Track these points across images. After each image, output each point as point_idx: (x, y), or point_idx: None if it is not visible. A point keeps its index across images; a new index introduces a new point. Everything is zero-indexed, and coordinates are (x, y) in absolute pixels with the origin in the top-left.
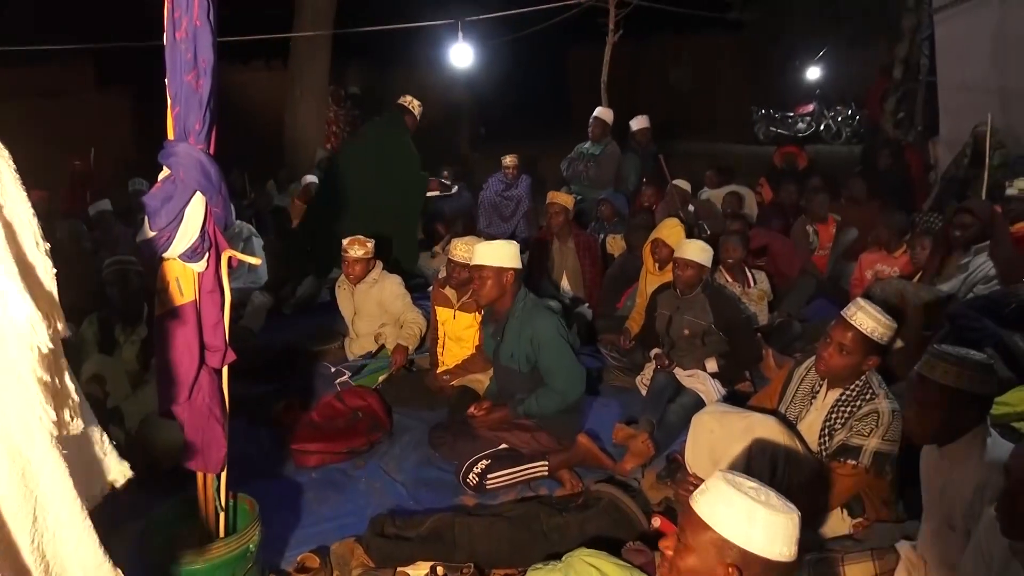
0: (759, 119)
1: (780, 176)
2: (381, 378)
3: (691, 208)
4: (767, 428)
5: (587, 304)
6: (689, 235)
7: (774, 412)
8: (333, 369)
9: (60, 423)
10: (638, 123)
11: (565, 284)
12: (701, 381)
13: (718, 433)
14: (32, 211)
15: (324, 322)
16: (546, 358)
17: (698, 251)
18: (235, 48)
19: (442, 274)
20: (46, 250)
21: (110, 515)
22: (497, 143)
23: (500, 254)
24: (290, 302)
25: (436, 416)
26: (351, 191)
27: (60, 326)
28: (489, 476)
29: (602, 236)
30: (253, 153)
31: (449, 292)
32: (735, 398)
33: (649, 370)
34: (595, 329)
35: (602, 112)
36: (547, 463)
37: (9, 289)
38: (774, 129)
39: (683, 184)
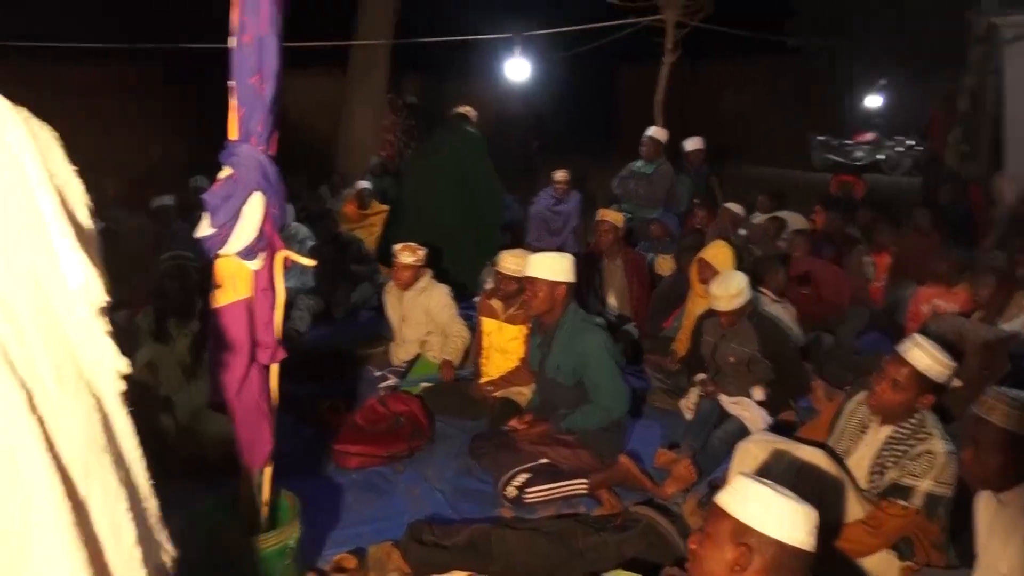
0: (816, 145)
1: (836, 204)
2: (424, 384)
3: (742, 231)
4: (815, 461)
5: (633, 323)
6: (738, 259)
7: (822, 445)
8: (377, 373)
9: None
10: (692, 144)
11: (612, 301)
12: (746, 408)
13: (763, 462)
14: (82, 187)
15: (371, 326)
16: (592, 373)
17: (730, 297)
18: (296, 53)
19: (489, 285)
20: (95, 225)
21: (159, 503)
22: (549, 158)
23: (554, 267)
24: (344, 306)
25: (477, 426)
26: (428, 202)
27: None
28: (528, 490)
29: (651, 256)
30: (308, 157)
31: (496, 303)
32: (780, 428)
33: (694, 394)
34: (640, 349)
35: (655, 131)
36: (587, 481)
37: (70, 252)
38: (831, 156)
39: (735, 207)
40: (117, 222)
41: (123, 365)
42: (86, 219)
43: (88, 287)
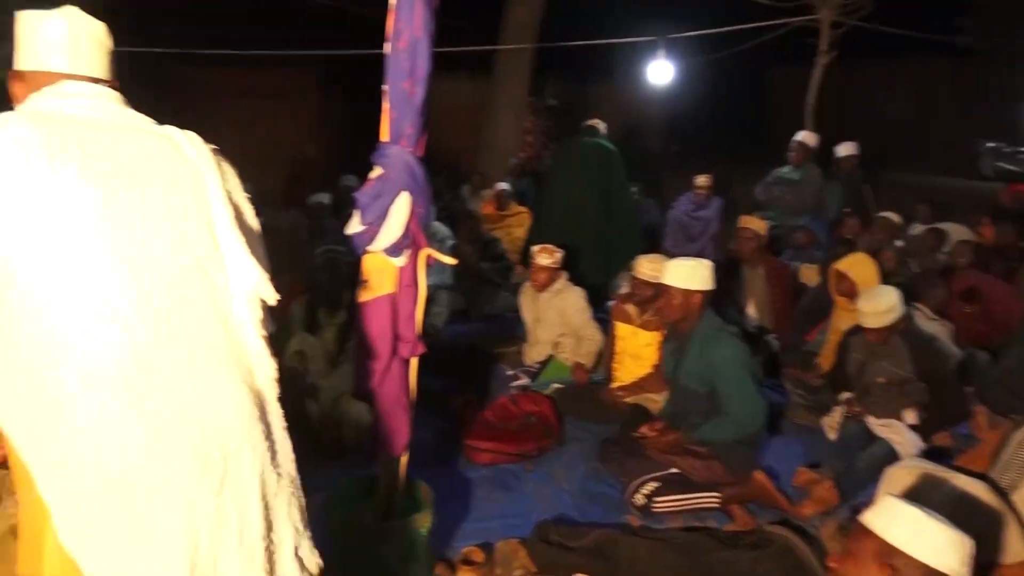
0: (985, 153)
1: (1008, 216)
2: (555, 386)
3: (898, 243)
4: (974, 492)
5: (773, 334)
6: (888, 273)
7: (983, 476)
8: (510, 372)
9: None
10: (845, 149)
11: (751, 311)
12: (896, 432)
13: (914, 489)
14: (247, 196)
15: (506, 326)
16: (726, 384)
17: (880, 313)
18: (441, 57)
19: (624, 290)
20: (260, 232)
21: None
22: (689, 162)
23: (691, 275)
24: (483, 306)
25: (607, 431)
26: (566, 205)
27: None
28: (657, 499)
29: (796, 264)
30: (450, 158)
31: (631, 308)
32: (934, 454)
33: (838, 413)
34: (780, 362)
35: (805, 136)
36: (719, 495)
37: (243, 257)
38: (1004, 165)
39: (893, 217)
40: (273, 218)
41: (273, 368)
42: (257, 231)
43: (260, 288)
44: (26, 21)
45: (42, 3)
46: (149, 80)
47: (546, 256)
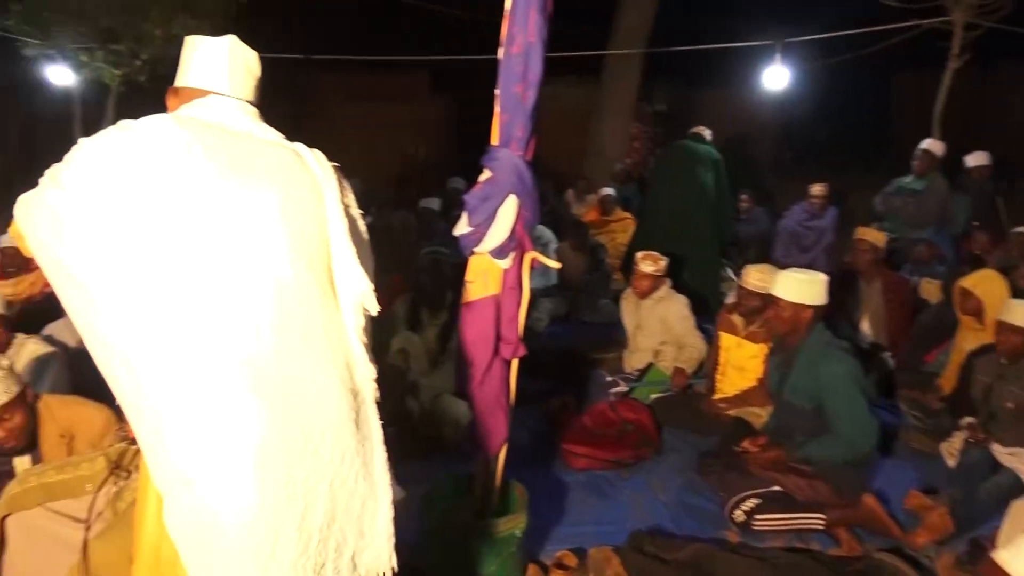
0: None
1: None
2: (654, 395)
3: None
4: None
5: (888, 352)
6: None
7: None
8: (609, 378)
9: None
10: (976, 159)
11: (865, 327)
12: None
13: None
14: (365, 224)
15: (606, 331)
16: (834, 403)
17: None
18: (550, 61)
19: (730, 299)
20: (368, 243)
21: (398, 477)
22: (802, 170)
23: (804, 289)
24: (585, 312)
25: (706, 443)
26: (671, 212)
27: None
28: (757, 516)
29: (916, 279)
30: (556, 161)
31: (736, 319)
32: None
33: (959, 439)
34: (895, 382)
35: (931, 144)
36: (824, 516)
37: (354, 266)
38: None
39: None
40: (383, 217)
41: (373, 372)
42: (367, 243)
43: (366, 297)
44: (192, 45)
45: (184, 18)
46: (280, 83)
47: (650, 263)
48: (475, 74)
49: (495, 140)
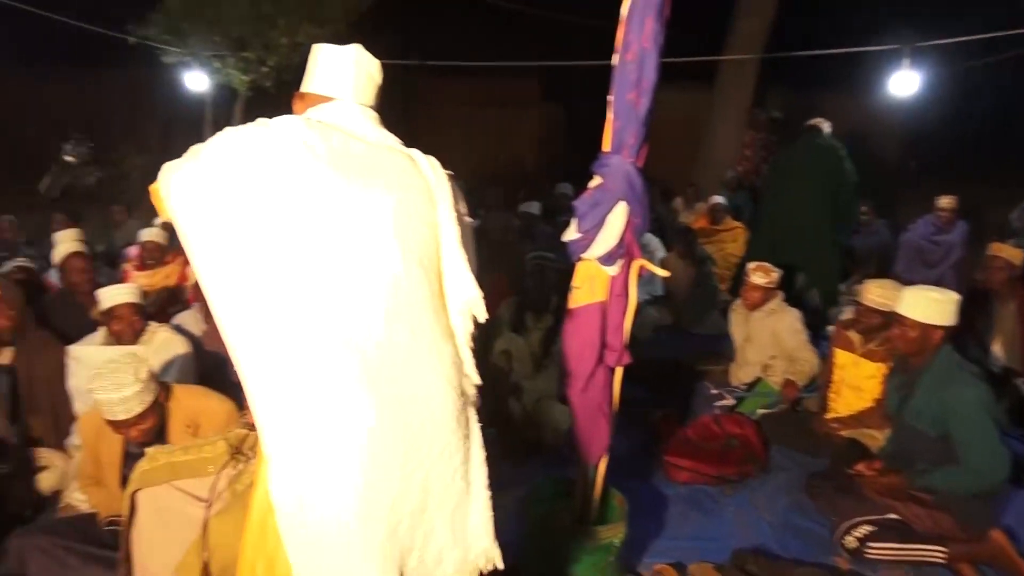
0: None
1: None
2: (761, 410)
3: None
4: None
5: (1023, 379)
6: None
7: None
8: (714, 391)
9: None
10: None
11: (997, 350)
12: None
13: None
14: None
15: (712, 343)
16: (961, 430)
17: None
18: (666, 67)
19: (846, 315)
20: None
21: (498, 478)
22: (928, 181)
23: (933, 308)
24: (691, 322)
25: (816, 463)
26: (784, 222)
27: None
28: (871, 544)
29: None
30: (665, 170)
31: (853, 336)
32: None
33: None
34: None
35: None
36: (946, 550)
37: (464, 274)
38: None
39: None
40: (488, 219)
41: (477, 378)
42: (473, 248)
43: (475, 304)
44: (319, 53)
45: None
46: (393, 87)
47: (762, 275)
48: (585, 80)
49: (607, 146)
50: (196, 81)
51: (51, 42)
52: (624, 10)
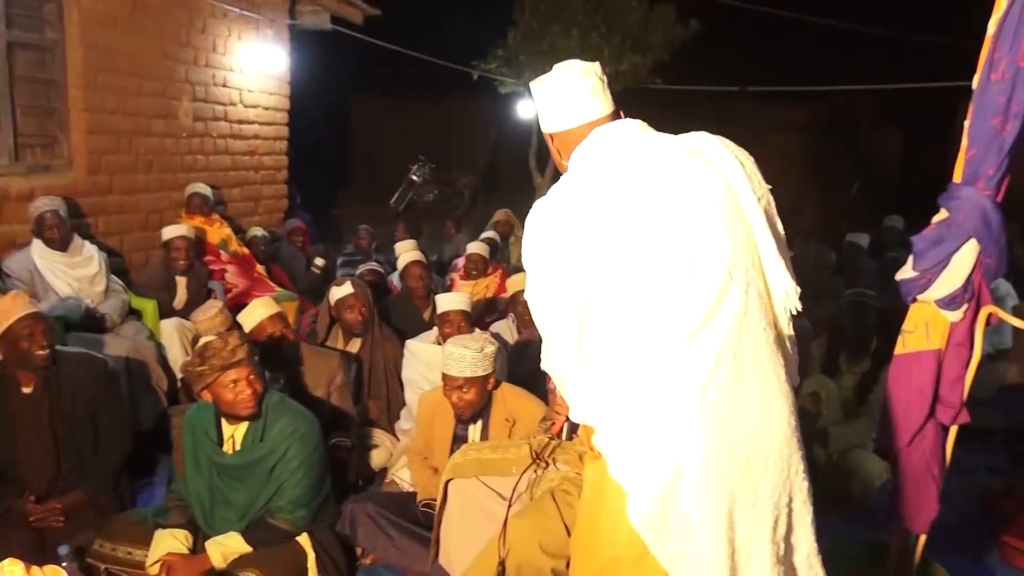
0: None
1: None
2: None
3: None
4: None
5: None
6: None
7: None
8: None
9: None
10: None
11: None
12: None
13: None
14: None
15: None
16: None
17: None
18: None
19: None
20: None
21: None
22: None
23: None
24: None
25: None
26: None
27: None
28: None
29: None
30: None
31: None
32: None
33: None
34: None
35: None
36: None
37: (775, 260)
38: None
39: None
40: (801, 248)
41: (797, 379)
42: (782, 233)
43: (788, 294)
44: (545, 87)
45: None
46: (716, 113)
47: None
48: (926, 103)
49: (958, 177)
50: (527, 109)
51: (411, 77)
52: (992, 26)
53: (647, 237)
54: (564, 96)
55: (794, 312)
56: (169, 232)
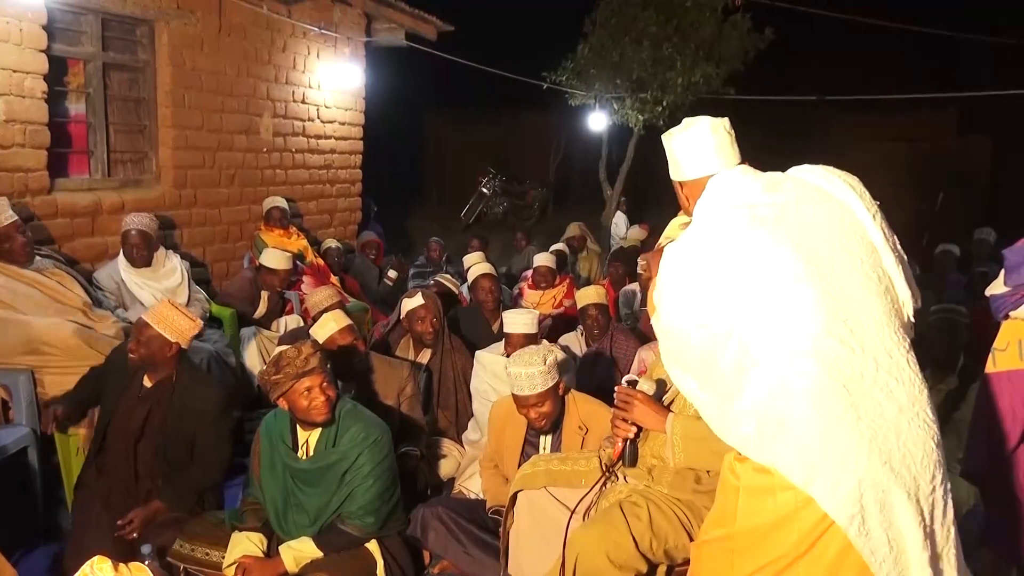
0: None
1: None
2: None
3: None
4: None
5: None
6: None
7: None
8: None
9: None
10: None
11: None
12: None
13: None
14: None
15: None
16: None
17: None
18: None
19: None
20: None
21: None
22: None
23: None
24: None
25: None
26: None
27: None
28: None
29: None
30: None
31: None
32: None
33: None
34: None
35: None
36: None
37: (896, 274)
38: None
39: None
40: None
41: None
42: (898, 243)
43: (907, 304)
44: (675, 141)
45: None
46: (794, 125)
47: None
48: (1017, 111)
49: None
50: (597, 121)
51: (482, 90)
52: None
53: (785, 263)
54: (693, 149)
55: (905, 317)
56: (276, 262)
